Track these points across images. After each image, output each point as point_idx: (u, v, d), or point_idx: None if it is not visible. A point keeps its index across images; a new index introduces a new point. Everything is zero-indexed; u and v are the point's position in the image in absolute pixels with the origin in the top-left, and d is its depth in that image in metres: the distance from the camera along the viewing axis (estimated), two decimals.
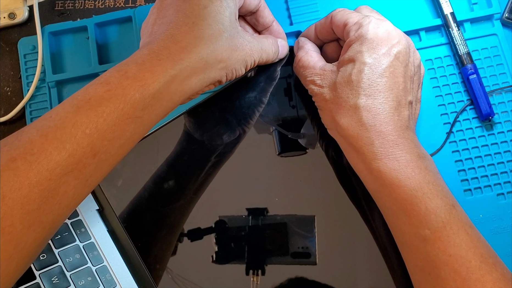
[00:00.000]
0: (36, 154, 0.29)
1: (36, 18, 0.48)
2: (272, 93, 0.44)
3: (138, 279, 0.41)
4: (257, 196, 0.43)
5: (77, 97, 0.32)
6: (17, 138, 0.31)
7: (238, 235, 0.42)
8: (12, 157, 0.29)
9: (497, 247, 0.42)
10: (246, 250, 0.42)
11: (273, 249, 0.41)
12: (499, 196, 0.44)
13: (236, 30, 0.38)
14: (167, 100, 0.34)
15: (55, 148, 0.30)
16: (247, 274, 0.41)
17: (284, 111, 0.44)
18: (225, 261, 0.42)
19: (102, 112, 0.31)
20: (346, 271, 0.41)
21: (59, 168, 0.30)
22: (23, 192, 0.29)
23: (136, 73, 0.33)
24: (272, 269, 0.41)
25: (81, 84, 0.48)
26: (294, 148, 0.43)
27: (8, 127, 0.48)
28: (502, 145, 0.45)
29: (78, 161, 0.31)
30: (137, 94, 0.32)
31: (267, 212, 0.42)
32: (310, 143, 0.43)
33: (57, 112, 0.31)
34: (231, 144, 0.43)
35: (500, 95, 0.45)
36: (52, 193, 0.30)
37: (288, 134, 0.43)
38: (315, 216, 0.42)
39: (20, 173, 0.29)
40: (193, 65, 0.35)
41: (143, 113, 0.33)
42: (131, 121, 0.33)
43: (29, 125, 0.32)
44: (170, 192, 0.43)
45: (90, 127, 0.31)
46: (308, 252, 0.41)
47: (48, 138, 0.30)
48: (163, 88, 0.33)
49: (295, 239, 0.42)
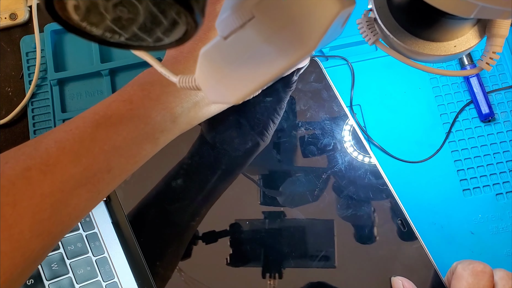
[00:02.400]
0: (52, 165, 0.30)
1: (34, 17, 0.48)
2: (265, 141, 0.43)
3: (137, 274, 0.41)
4: (273, 200, 0.42)
5: (99, 112, 0.32)
6: (35, 147, 0.31)
7: (254, 238, 0.42)
8: (27, 166, 0.29)
9: (497, 247, 0.42)
10: (262, 253, 0.41)
11: (291, 252, 0.41)
12: (499, 196, 0.44)
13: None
14: (186, 123, 0.35)
15: (71, 161, 0.30)
16: (264, 278, 0.41)
17: (270, 163, 0.43)
18: (240, 264, 0.41)
19: (122, 131, 0.31)
20: (366, 275, 0.40)
21: (73, 180, 0.30)
22: (35, 201, 0.29)
23: (159, 95, 0.33)
24: (290, 273, 0.41)
25: (83, 82, 0.48)
26: (273, 203, 0.42)
27: (9, 129, 0.48)
28: (501, 145, 0.45)
29: (92, 175, 0.31)
30: (159, 117, 0.33)
31: (285, 216, 0.42)
32: (287, 202, 0.42)
33: (77, 126, 0.32)
34: (246, 148, 0.43)
35: (500, 95, 0.46)
36: (63, 205, 0.30)
37: (265, 190, 0.43)
38: (334, 220, 0.42)
39: (33, 182, 0.29)
40: None
41: (160, 135, 0.34)
42: (149, 141, 0.33)
43: (48, 135, 0.32)
44: (178, 191, 0.43)
45: (108, 144, 0.31)
46: (327, 256, 0.41)
47: (65, 150, 0.30)
48: (184, 113, 0.34)
49: (313, 243, 0.41)
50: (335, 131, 0.44)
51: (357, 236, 0.41)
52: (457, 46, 0.25)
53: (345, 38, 0.46)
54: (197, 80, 0.27)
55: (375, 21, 0.26)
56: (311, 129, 0.44)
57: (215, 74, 0.25)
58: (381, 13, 0.25)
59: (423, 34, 0.25)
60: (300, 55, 0.23)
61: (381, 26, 0.25)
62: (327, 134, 0.43)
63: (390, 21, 0.25)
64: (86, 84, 0.48)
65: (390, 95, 0.46)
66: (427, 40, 0.25)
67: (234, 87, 0.25)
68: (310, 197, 0.42)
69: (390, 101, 0.46)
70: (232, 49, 0.24)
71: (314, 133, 0.43)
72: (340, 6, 0.22)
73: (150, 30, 0.19)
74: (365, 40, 0.27)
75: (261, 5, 0.23)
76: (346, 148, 0.43)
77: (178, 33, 0.19)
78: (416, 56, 0.26)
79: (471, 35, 0.25)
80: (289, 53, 0.23)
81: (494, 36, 0.24)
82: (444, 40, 0.25)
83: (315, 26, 0.22)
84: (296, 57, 0.23)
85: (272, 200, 0.42)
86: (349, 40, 0.46)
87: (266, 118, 0.43)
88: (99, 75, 0.48)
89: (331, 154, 0.43)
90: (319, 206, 0.42)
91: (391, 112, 0.46)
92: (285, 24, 0.23)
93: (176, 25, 0.19)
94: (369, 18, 0.26)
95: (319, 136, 0.43)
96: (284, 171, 0.43)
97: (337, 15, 0.22)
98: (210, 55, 0.25)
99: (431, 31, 0.25)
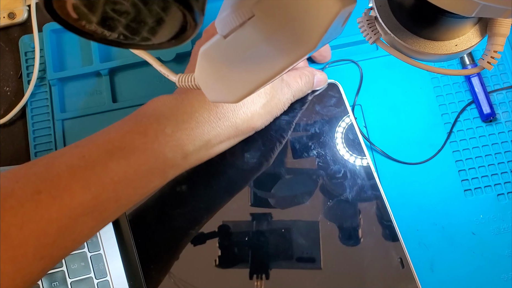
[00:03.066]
0: (62, 190, 0.30)
1: (33, 16, 0.48)
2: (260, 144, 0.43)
3: (130, 275, 0.41)
4: (261, 202, 0.42)
5: (113, 142, 0.33)
6: (47, 169, 0.31)
7: (242, 240, 0.42)
8: (38, 189, 0.30)
9: (498, 248, 0.42)
10: (250, 255, 0.41)
11: (277, 254, 0.41)
12: (500, 196, 0.44)
13: (275, 88, 0.37)
14: (196, 159, 0.36)
15: (80, 188, 0.30)
16: (251, 279, 0.41)
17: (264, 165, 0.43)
18: (228, 266, 0.41)
19: (133, 163, 0.32)
20: (351, 276, 0.41)
21: (80, 208, 0.30)
22: (42, 225, 0.29)
23: (174, 131, 0.34)
24: (276, 274, 0.41)
25: (82, 82, 0.48)
26: (264, 205, 0.42)
27: (8, 128, 0.48)
28: (503, 145, 0.44)
29: (100, 204, 0.31)
30: (171, 153, 0.33)
31: (271, 218, 0.42)
32: (278, 204, 0.42)
33: (90, 153, 0.32)
34: (253, 163, 0.43)
35: (501, 95, 0.45)
36: (69, 231, 0.30)
37: (257, 191, 0.43)
38: (319, 222, 0.42)
39: (42, 206, 0.29)
40: (227, 133, 0.36)
41: (170, 170, 0.34)
42: (158, 175, 0.34)
43: (61, 157, 0.32)
44: (181, 197, 0.42)
45: (119, 175, 0.32)
46: (313, 257, 0.41)
47: (76, 177, 0.30)
48: (195, 151, 0.35)
49: (299, 244, 0.41)
50: (332, 131, 0.43)
51: (342, 238, 0.41)
52: (458, 45, 0.25)
53: (345, 37, 0.46)
54: (197, 79, 0.27)
55: (375, 20, 0.26)
56: (310, 131, 0.44)
57: (214, 73, 0.25)
58: (382, 12, 0.25)
59: (424, 33, 0.25)
60: (300, 54, 0.23)
61: (382, 25, 0.25)
62: (326, 138, 0.43)
63: (391, 20, 0.25)
64: (85, 84, 0.48)
65: (391, 94, 0.46)
66: (428, 39, 0.25)
67: (234, 86, 0.25)
68: (302, 199, 0.42)
69: (391, 100, 0.46)
70: (232, 48, 0.24)
71: (313, 137, 0.43)
72: (341, 5, 0.22)
73: (136, 28, 0.19)
74: (366, 39, 0.27)
75: (261, 3, 0.22)
76: (339, 150, 0.43)
77: (165, 33, 0.19)
78: (417, 55, 0.26)
79: (472, 34, 0.25)
80: (289, 52, 0.23)
81: (495, 35, 0.24)
82: (445, 39, 0.25)
83: (315, 25, 0.22)
84: (296, 56, 0.23)
85: (263, 201, 0.42)
86: (350, 39, 0.46)
87: (279, 136, 0.43)
88: (99, 74, 0.48)
89: (328, 158, 0.43)
90: (308, 208, 0.42)
91: (392, 112, 0.46)
92: (285, 23, 0.22)
93: (162, 23, 0.19)
94: (369, 16, 0.26)
95: (316, 137, 0.43)
96: (276, 173, 0.43)
97: (337, 14, 0.22)
98: (209, 54, 0.25)
99: (432, 30, 0.25)
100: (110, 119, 0.47)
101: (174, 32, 0.20)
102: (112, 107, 0.47)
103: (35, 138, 0.47)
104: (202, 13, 0.19)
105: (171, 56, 0.47)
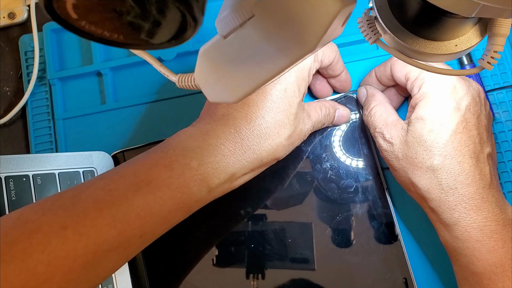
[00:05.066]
0: (88, 226, 0.30)
1: (33, 16, 0.48)
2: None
3: (133, 272, 0.41)
4: (256, 202, 0.43)
5: (139, 176, 0.33)
6: (73, 203, 0.31)
7: (238, 240, 0.42)
8: (64, 225, 0.30)
9: None
10: (246, 255, 0.42)
11: (273, 254, 0.42)
12: None
13: (298, 119, 0.37)
14: (220, 192, 0.36)
15: (106, 224, 0.30)
16: (247, 278, 0.41)
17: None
18: (225, 265, 0.42)
19: (159, 199, 0.32)
20: (344, 277, 0.41)
21: (106, 244, 0.30)
22: (68, 261, 0.29)
23: (200, 165, 0.33)
24: (272, 274, 0.41)
25: (83, 81, 0.48)
26: (260, 206, 0.43)
27: (8, 128, 0.48)
28: (503, 145, 0.44)
29: (125, 240, 0.31)
30: (195, 188, 0.33)
31: (266, 218, 0.42)
32: (275, 205, 0.43)
33: (116, 187, 0.32)
34: (267, 184, 0.43)
35: (501, 94, 0.45)
36: (93, 266, 0.30)
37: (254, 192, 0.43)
38: (312, 223, 0.42)
39: (69, 242, 0.29)
40: (251, 165, 0.35)
41: (195, 204, 0.34)
42: (183, 209, 0.34)
43: (87, 189, 0.32)
44: None
45: (144, 211, 0.32)
46: (307, 258, 0.41)
47: (102, 213, 0.31)
48: (219, 184, 0.35)
49: (293, 245, 0.42)
50: (330, 132, 0.43)
51: (336, 239, 0.42)
52: (458, 45, 0.25)
53: (345, 37, 0.46)
54: (196, 79, 0.27)
55: (375, 20, 0.26)
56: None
57: (214, 73, 0.25)
58: (382, 12, 0.25)
59: (424, 33, 0.25)
60: (300, 54, 0.23)
61: (382, 25, 0.25)
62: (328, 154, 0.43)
63: (391, 20, 0.25)
64: (86, 83, 0.48)
65: None
66: (428, 39, 0.25)
67: (233, 86, 0.25)
68: (299, 200, 0.42)
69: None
70: (232, 48, 0.24)
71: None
72: (341, 5, 0.22)
73: (136, 28, 0.19)
74: (366, 39, 0.27)
75: (261, 3, 0.22)
76: (336, 152, 0.43)
77: (165, 33, 0.19)
78: (417, 55, 0.26)
79: (472, 34, 0.25)
80: (289, 52, 0.23)
81: (495, 35, 0.24)
82: (445, 39, 0.25)
83: (315, 25, 0.22)
84: (296, 56, 0.23)
85: (259, 203, 0.43)
86: (350, 39, 0.46)
87: (289, 161, 0.42)
88: (99, 74, 0.48)
89: (329, 161, 0.43)
90: (303, 209, 0.42)
91: None
92: (285, 23, 0.22)
93: (161, 23, 0.19)
94: (369, 17, 0.26)
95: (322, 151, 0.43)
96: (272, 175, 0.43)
97: (337, 14, 0.22)
98: (209, 54, 0.25)
99: (432, 30, 0.25)
100: (110, 118, 0.47)
101: (174, 32, 0.20)
102: (112, 106, 0.47)
103: (35, 138, 0.47)
104: (202, 13, 0.19)
105: (171, 56, 0.47)
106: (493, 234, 0.33)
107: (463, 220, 0.34)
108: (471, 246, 0.34)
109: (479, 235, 0.33)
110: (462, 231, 0.34)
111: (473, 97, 0.36)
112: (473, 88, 0.37)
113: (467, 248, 0.34)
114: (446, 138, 0.35)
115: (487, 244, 0.33)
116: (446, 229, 0.35)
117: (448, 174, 0.35)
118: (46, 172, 0.42)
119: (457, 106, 0.35)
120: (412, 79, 0.38)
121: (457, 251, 0.35)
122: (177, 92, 0.47)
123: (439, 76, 0.36)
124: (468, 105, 0.36)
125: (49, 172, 0.42)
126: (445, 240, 0.36)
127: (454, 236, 0.35)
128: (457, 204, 0.34)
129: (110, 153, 0.45)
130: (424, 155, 0.35)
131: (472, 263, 0.34)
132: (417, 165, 0.36)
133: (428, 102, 0.36)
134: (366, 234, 0.42)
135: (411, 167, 0.36)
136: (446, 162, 0.35)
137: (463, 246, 0.34)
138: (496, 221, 0.34)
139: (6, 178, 0.40)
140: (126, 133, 0.46)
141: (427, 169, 0.35)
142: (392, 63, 0.40)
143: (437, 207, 0.35)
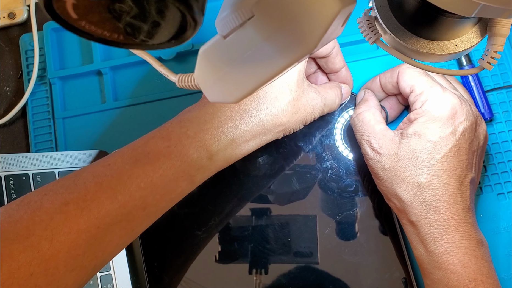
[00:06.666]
0: (89, 201, 0.30)
1: (33, 16, 0.48)
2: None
3: (133, 270, 0.41)
4: (260, 197, 0.43)
5: (137, 149, 0.33)
6: (74, 181, 0.31)
7: (241, 235, 0.42)
8: (65, 201, 0.30)
9: (497, 247, 0.42)
10: (249, 250, 0.42)
11: (276, 249, 0.42)
12: (500, 196, 0.44)
13: (302, 89, 0.37)
14: (222, 161, 0.35)
15: (107, 197, 0.31)
16: (250, 273, 0.41)
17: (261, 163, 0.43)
18: (228, 261, 0.42)
19: (159, 168, 0.32)
20: (348, 270, 0.41)
21: (108, 217, 0.30)
22: (71, 236, 0.29)
23: (197, 132, 0.33)
24: (275, 268, 0.41)
25: (83, 81, 0.48)
26: (264, 201, 0.43)
27: (8, 128, 0.48)
28: (503, 145, 0.44)
29: (128, 212, 0.31)
30: (195, 154, 0.33)
31: (270, 212, 0.42)
32: (278, 200, 0.43)
33: (115, 161, 0.32)
34: (267, 170, 0.43)
35: (501, 94, 0.45)
36: (98, 241, 0.30)
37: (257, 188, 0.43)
38: (316, 216, 0.42)
39: (70, 217, 0.29)
40: (252, 130, 0.35)
41: (197, 172, 0.34)
42: (185, 178, 0.34)
43: (87, 168, 0.32)
44: (190, 197, 0.42)
45: (145, 181, 0.32)
46: (310, 252, 0.41)
47: (102, 186, 0.31)
48: (220, 151, 0.34)
49: (297, 239, 0.42)
50: (331, 126, 0.44)
51: (340, 233, 0.42)
52: (458, 45, 0.25)
53: (345, 37, 0.46)
54: (196, 79, 0.27)
55: (375, 20, 0.26)
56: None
57: (214, 73, 0.25)
58: (382, 12, 0.25)
59: (424, 33, 0.25)
60: (300, 54, 0.23)
61: (382, 25, 0.25)
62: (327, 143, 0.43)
63: (391, 20, 0.25)
64: (86, 83, 0.48)
65: None
66: (428, 39, 0.25)
67: (233, 86, 0.25)
68: (301, 195, 0.42)
69: None
70: (231, 48, 0.24)
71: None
72: (341, 5, 0.22)
73: (136, 28, 0.19)
74: (366, 39, 0.27)
75: (261, 3, 0.22)
76: (338, 146, 0.43)
77: (164, 33, 0.19)
78: (417, 55, 0.26)
79: (472, 34, 0.25)
80: (289, 52, 0.23)
81: (495, 35, 0.24)
82: (445, 39, 0.25)
83: (315, 25, 0.22)
84: (296, 56, 0.23)
85: (263, 198, 0.43)
86: (350, 39, 0.46)
87: (293, 142, 0.43)
88: (99, 73, 0.48)
89: (327, 155, 0.43)
90: (307, 203, 0.42)
91: None
92: (285, 23, 0.22)
93: (161, 23, 0.19)
94: (369, 17, 0.26)
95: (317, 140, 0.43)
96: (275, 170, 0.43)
97: (337, 14, 0.22)
98: (209, 54, 0.25)
99: (432, 30, 0.25)
100: (111, 117, 0.47)
101: (173, 32, 0.20)
102: (112, 105, 0.47)
103: (35, 137, 0.47)
104: (202, 13, 0.19)
105: (171, 55, 0.47)
106: (468, 251, 0.35)
107: (440, 237, 0.35)
108: (447, 260, 0.35)
109: (455, 251, 0.35)
110: (438, 247, 0.35)
111: (470, 123, 0.37)
112: (473, 114, 0.37)
113: (442, 262, 0.35)
114: (438, 160, 0.36)
115: (462, 260, 0.34)
116: (422, 244, 0.36)
117: (433, 193, 0.35)
118: (46, 171, 0.42)
119: (454, 131, 0.36)
120: (416, 92, 0.38)
121: (431, 264, 0.36)
122: (177, 92, 0.47)
123: (443, 97, 0.37)
124: (464, 131, 0.36)
125: (49, 171, 0.42)
126: (420, 253, 0.37)
127: (430, 251, 0.36)
128: (437, 221, 0.35)
129: (110, 152, 0.45)
130: (413, 171, 0.36)
131: (447, 276, 0.35)
132: (403, 179, 0.36)
133: (428, 121, 0.36)
134: (366, 233, 0.42)
135: (397, 180, 0.37)
136: (433, 182, 0.35)
137: (439, 260, 0.35)
138: (470, 240, 0.35)
139: (6, 177, 0.40)
140: (126, 132, 0.47)
141: (414, 185, 0.36)
142: (400, 71, 0.40)
143: (418, 222, 0.36)
